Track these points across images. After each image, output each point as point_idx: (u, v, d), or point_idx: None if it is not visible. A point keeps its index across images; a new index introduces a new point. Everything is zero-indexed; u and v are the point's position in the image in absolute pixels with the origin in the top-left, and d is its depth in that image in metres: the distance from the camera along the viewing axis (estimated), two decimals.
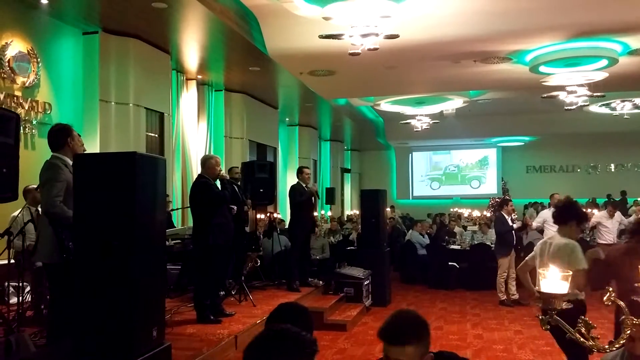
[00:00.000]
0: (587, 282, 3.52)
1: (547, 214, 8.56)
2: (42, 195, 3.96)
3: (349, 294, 7.80)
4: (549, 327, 1.61)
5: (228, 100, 11.53)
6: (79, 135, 4.26)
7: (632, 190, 17.80)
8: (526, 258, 4.21)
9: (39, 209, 5.35)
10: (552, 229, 8.22)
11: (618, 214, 8.98)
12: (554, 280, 1.56)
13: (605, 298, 1.59)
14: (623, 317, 1.52)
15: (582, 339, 1.50)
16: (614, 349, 1.51)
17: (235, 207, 6.18)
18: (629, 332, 1.50)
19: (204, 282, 5.60)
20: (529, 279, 4.12)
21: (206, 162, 5.83)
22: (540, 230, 8.72)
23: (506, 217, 8.31)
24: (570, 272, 1.59)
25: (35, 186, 5.24)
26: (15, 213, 5.45)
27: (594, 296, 8.30)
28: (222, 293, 6.24)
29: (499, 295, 8.26)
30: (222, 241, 5.59)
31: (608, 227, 8.79)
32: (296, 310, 1.95)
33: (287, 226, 8.97)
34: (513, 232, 8.28)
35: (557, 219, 3.96)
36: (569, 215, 3.84)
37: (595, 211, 9.70)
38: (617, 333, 1.57)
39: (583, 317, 1.51)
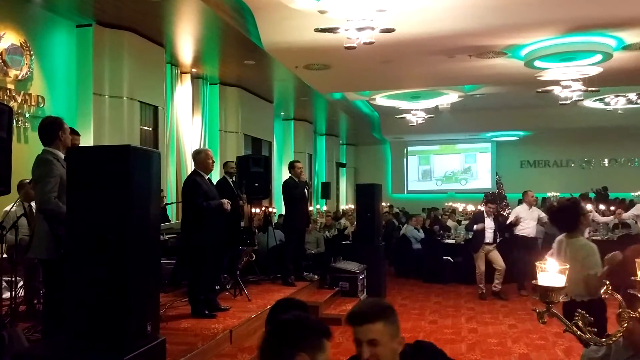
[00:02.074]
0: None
1: (519, 210, 8.63)
2: (36, 192, 3.93)
3: (344, 288, 7.81)
4: (545, 321, 1.61)
5: (223, 93, 11.49)
6: (71, 128, 4.23)
7: (624, 185, 17.89)
8: (546, 255, 4.17)
9: (32, 204, 5.33)
10: (525, 226, 8.31)
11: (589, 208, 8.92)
12: (551, 273, 1.56)
13: (602, 291, 1.58)
14: (620, 310, 1.53)
15: (579, 332, 1.50)
16: (611, 342, 1.51)
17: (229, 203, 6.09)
18: (625, 325, 1.50)
19: (196, 278, 5.59)
20: None
21: (196, 157, 5.77)
22: (514, 225, 8.69)
23: (486, 216, 8.43)
24: (568, 266, 1.59)
25: (28, 181, 5.21)
26: (8, 207, 5.41)
27: None
28: (217, 287, 6.23)
29: (478, 286, 8.41)
30: (204, 242, 5.50)
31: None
32: (295, 306, 1.96)
33: (282, 220, 8.96)
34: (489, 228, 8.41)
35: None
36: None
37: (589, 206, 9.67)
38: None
39: (580, 310, 1.52)
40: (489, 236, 8.38)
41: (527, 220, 8.38)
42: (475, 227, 8.52)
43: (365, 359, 1.82)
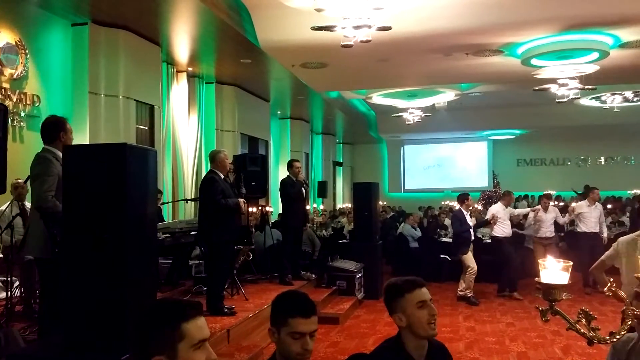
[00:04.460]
0: None
1: (496, 208, 8.52)
2: (33, 190, 3.90)
3: (341, 287, 7.80)
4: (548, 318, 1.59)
5: (219, 92, 11.45)
6: (71, 129, 4.20)
7: (620, 184, 17.95)
8: (602, 257, 3.82)
9: (25, 204, 5.30)
10: (503, 226, 8.26)
11: (552, 207, 8.84)
12: (554, 271, 1.54)
13: (605, 289, 1.57)
14: (624, 307, 1.51)
15: (582, 330, 1.49)
16: (615, 340, 1.50)
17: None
18: (629, 322, 1.49)
19: (216, 275, 5.64)
20: (605, 277, 3.71)
21: (215, 156, 5.78)
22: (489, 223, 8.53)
23: (465, 213, 8.04)
24: (571, 263, 1.57)
25: (22, 181, 5.18)
26: (2, 207, 5.38)
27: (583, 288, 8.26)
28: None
29: (465, 292, 7.95)
30: (227, 238, 5.61)
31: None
32: (298, 297, 1.98)
33: (279, 219, 8.94)
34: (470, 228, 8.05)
35: None
36: None
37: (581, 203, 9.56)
38: None
39: (583, 308, 1.50)
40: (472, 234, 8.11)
41: (505, 221, 8.33)
42: (471, 224, 8.02)
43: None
